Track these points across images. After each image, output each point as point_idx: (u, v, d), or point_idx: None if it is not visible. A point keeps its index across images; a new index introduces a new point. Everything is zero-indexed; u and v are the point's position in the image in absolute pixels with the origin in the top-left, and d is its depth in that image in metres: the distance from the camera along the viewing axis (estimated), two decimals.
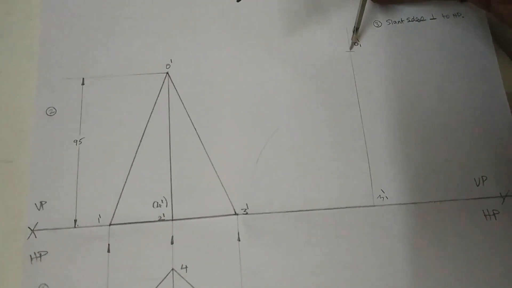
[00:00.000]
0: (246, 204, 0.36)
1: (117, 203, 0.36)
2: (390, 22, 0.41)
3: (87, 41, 0.40)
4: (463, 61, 0.40)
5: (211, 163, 0.37)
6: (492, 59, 0.40)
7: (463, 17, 0.41)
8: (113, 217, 0.35)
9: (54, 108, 0.38)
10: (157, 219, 0.35)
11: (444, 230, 0.36)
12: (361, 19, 0.39)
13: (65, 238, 0.35)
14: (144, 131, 0.37)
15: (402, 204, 0.36)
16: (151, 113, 0.38)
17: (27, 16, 0.41)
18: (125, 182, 0.36)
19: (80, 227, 0.35)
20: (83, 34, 0.40)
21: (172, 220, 0.35)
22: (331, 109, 0.38)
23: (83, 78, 0.39)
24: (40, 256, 0.34)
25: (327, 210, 0.36)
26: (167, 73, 0.39)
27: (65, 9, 0.41)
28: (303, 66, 0.39)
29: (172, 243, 0.35)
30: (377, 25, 0.41)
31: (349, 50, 0.40)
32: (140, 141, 0.37)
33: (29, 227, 0.35)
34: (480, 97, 0.39)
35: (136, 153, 0.37)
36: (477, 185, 0.37)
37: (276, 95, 0.39)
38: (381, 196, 0.36)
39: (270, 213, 0.36)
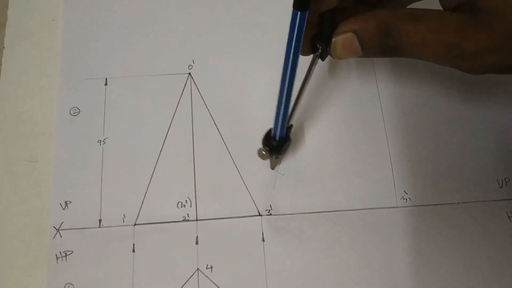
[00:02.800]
0: (270, 205, 0.36)
1: (142, 203, 0.36)
2: None
3: (109, 41, 0.40)
4: None
5: (234, 163, 0.37)
6: None
7: None
8: (137, 217, 0.36)
9: (77, 108, 0.38)
10: (181, 219, 0.36)
11: (467, 231, 0.36)
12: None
13: (90, 237, 0.35)
14: (167, 132, 0.38)
15: (425, 205, 0.36)
16: (174, 113, 0.38)
17: (49, 17, 0.41)
18: (149, 182, 0.36)
19: (105, 227, 0.35)
20: (106, 34, 0.40)
21: (197, 220, 0.36)
22: (354, 110, 0.38)
23: (106, 79, 0.39)
24: (66, 255, 0.35)
25: (350, 211, 0.36)
26: (190, 73, 0.39)
27: (87, 10, 0.41)
28: (326, 67, 0.39)
29: (197, 243, 0.35)
30: None
31: None
32: (164, 141, 0.37)
33: (54, 227, 0.35)
34: (503, 98, 0.39)
35: (160, 153, 0.37)
36: (500, 187, 0.37)
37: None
38: (404, 198, 0.36)
39: (293, 214, 0.36)
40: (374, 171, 0.37)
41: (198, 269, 0.34)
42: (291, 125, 0.33)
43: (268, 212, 0.36)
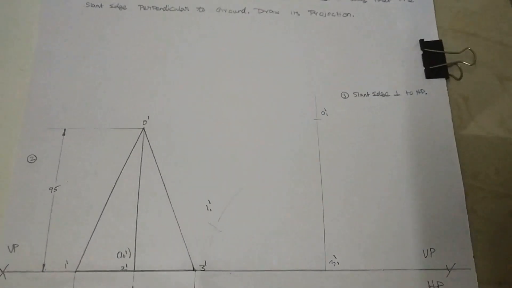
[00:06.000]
0: (205, 260, 0.38)
1: (84, 251, 0.38)
2: (357, 94, 0.44)
3: (72, 93, 0.43)
4: (423, 138, 0.42)
5: (176, 218, 0.39)
6: (450, 139, 0.42)
7: (426, 93, 0.44)
8: (79, 264, 0.38)
9: (35, 155, 0.41)
10: (120, 268, 0.38)
11: None
12: None
13: (33, 281, 0.37)
14: (115, 183, 0.40)
15: (353, 270, 0.38)
16: (124, 166, 0.40)
17: (19, 66, 0.44)
18: (93, 231, 0.39)
19: (48, 271, 0.37)
20: (69, 86, 0.43)
21: (134, 271, 0.38)
22: (293, 173, 0.41)
23: (64, 129, 0.42)
24: None
25: (281, 271, 0.38)
26: (143, 129, 0.42)
27: (55, 62, 0.44)
28: (271, 130, 0.42)
29: None
30: (344, 96, 0.44)
31: (316, 117, 0.43)
32: (111, 192, 0.40)
33: (0, 269, 0.37)
34: (436, 175, 0.41)
35: (105, 204, 0.39)
36: (425, 257, 0.39)
37: (241, 156, 0.41)
38: (332, 262, 0.38)
39: (226, 271, 0.38)
40: (307, 234, 0.39)
41: None
42: None
43: (202, 268, 0.38)
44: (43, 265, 0.38)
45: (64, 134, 0.41)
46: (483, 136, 0.43)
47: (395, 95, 0.44)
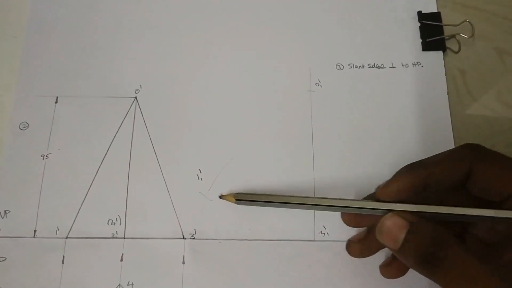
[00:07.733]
0: (194, 229, 0.38)
1: (75, 218, 0.38)
2: (352, 66, 0.43)
3: (65, 61, 0.43)
4: (418, 111, 0.42)
5: (167, 187, 0.39)
6: (445, 112, 0.41)
7: (422, 66, 0.43)
8: (70, 230, 0.38)
9: (27, 123, 0.41)
10: (110, 236, 0.38)
11: (377, 270, 0.38)
12: None
13: (24, 246, 0.38)
14: (106, 151, 0.40)
15: (342, 241, 0.38)
16: (116, 134, 0.40)
17: (12, 33, 0.43)
18: (84, 198, 0.39)
19: (39, 237, 0.38)
20: (62, 54, 0.43)
21: (124, 238, 0.38)
22: (284, 144, 0.41)
23: (57, 97, 0.41)
24: None
25: (270, 241, 0.38)
26: (136, 97, 0.42)
27: (48, 30, 0.44)
28: (264, 100, 0.42)
29: (121, 260, 0.37)
30: (339, 68, 0.43)
31: (310, 89, 0.42)
32: (102, 160, 0.40)
33: None
34: (430, 148, 0.41)
35: (97, 172, 0.39)
36: None
37: (233, 126, 0.41)
38: (322, 232, 0.38)
39: (216, 239, 0.38)
40: None
41: (120, 285, 0.37)
42: None
43: (192, 236, 0.38)
44: (34, 231, 0.38)
45: (56, 102, 0.41)
46: (479, 110, 0.42)
47: (390, 67, 0.43)
